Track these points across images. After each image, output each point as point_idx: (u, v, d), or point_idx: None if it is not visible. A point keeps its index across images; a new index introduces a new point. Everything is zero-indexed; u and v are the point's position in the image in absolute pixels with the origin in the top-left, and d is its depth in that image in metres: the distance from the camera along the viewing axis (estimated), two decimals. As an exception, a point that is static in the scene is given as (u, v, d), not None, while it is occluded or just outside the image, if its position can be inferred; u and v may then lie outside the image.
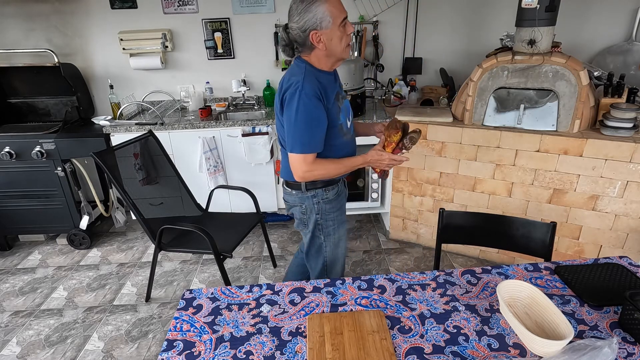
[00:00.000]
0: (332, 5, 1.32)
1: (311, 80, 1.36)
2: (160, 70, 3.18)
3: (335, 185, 1.62)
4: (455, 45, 3.14)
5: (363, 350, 1.01)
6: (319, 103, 1.36)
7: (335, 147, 1.50)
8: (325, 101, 1.39)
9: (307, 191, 1.57)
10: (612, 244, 2.28)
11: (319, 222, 1.63)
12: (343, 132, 1.51)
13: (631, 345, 1.02)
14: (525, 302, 1.13)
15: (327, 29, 1.33)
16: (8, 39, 3.02)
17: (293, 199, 1.63)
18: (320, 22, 1.31)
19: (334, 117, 1.44)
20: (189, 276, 2.61)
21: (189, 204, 2.55)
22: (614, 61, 2.88)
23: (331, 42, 1.36)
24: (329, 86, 1.43)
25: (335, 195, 1.62)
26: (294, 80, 1.37)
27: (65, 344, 2.08)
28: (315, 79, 1.38)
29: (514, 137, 2.30)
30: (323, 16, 1.31)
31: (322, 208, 1.60)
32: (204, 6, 3.00)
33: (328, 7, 1.31)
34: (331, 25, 1.33)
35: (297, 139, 1.37)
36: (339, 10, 1.34)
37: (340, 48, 1.38)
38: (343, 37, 1.37)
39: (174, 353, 1.05)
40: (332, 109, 1.42)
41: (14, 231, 2.98)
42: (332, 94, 1.44)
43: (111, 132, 2.73)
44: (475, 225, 1.67)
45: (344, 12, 1.36)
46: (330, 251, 1.69)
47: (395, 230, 2.95)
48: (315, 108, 1.35)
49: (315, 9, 1.30)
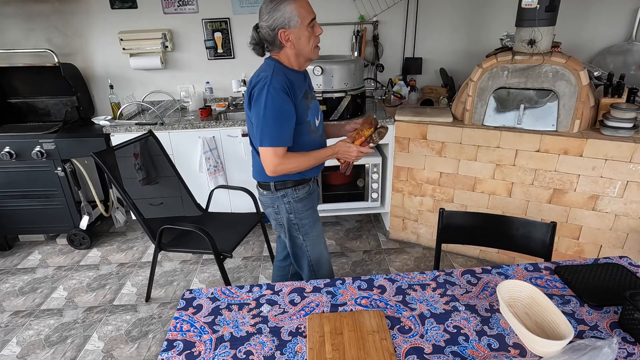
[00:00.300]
0: (300, 5, 1.35)
1: (279, 76, 1.39)
2: (160, 70, 3.18)
3: (306, 184, 1.63)
4: (455, 45, 3.14)
5: (363, 350, 1.01)
6: (287, 98, 1.39)
7: (304, 145, 1.52)
8: (293, 97, 1.42)
9: (277, 191, 1.59)
10: (612, 244, 2.28)
11: (293, 222, 1.64)
12: (311, 130, 1.54)
13: (631, 345, 1.02)
14: (525, 302, 1.13)
15: (295, 28, 1.37)
16: (8, 39, 3.02)
17: (265, 200, 1.65)
18: (288, 21, 1.35)
19: (302, 114, 1.47)
20: (189, 276, 2.61)
21: (189, 204, 2.55)
22: (614, 61, 2.88)
23: (299, 41, 1.39)
24: (298, 84, 1.46)
25: (306, 193, 1.63)
26: (262, 76, 1.40)
27: (65, 344, 2.08)
28: (283, 75, 1.41)
29: (514, 137, 2.30)
30: (291, 15, 1.35)
31: (294, 207, 1.62)
32: (204, 6, 3.00)
33: (296, 7, 1.35)
34: (299, 25, 1.36)
35: (267, 133, 1.39)
36: (306, 10, 1.37)
37: (308, 48, 1.42)
38: (311, 38, 1.41)
39: (174, 353, 1.05)
40: (300, 105, 1.45)
41: (14, 231, 2.98)
42: (300, 91, 1.47)
43: (111, 132, 2.73)
44: (475, 225, 1.67)
45: (312, 14, 1.40)
46: (312, 249, 1.70)
47: (395, 230, 2.95)
48: (284, 102, 1.38)
49: (284, 8, 1.34)
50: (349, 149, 1.54)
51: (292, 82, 1.43)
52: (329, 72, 2.52)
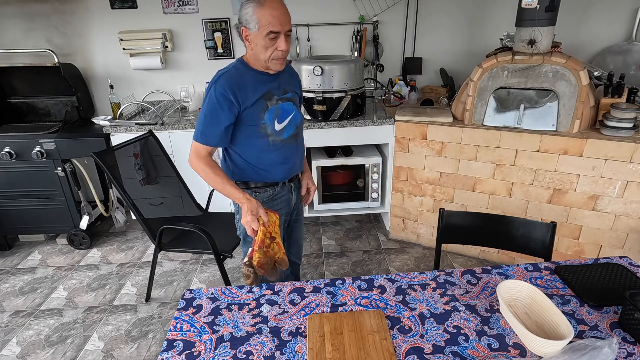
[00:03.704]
0: (264, 13, 1.30)
1: (230, 78, 1.39)
2: (160, 70, 3.18)
3: (270, 188, 1.58)
4: (455, 45, 3.14)
5: (363, 350, 1.01)
6: (225, 103, 1.38)
7: (257, 147, 1.50)
8: (240, 101, 1.39)
9: None
10: (612, 244, 2.28)
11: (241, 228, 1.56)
12: (267, 133, 1.48)
13: (631, 345, 1.02)
14: (525, 302, 1.13)
15: (253, 32, 1.34)
16: (8, 39, 3.02)
17: None
18: (247, 22, 1.34)
19: (253, 117, 1.44)
20: (189, 276, 2.61)
21: (189, 204, 2.54)
22: (614, 61, 2.88)
23: (256, 46, 1.37)
24: (254, 85, 1.43)
25: (268, 198, 1.58)
26: (218, 74, 1.42)
27: (65, 344, 2.08)
28: (236, 76, 1.41)
29: (514, 137, 2.30)
30: (250, 19, 1.32)
31: None
32: (204, 6, 3.00)
33: (260, 13, 1.30)
34: (256, 31, 1.33)
35: (197, 127, 1.44)
36: (269, 21, 1.31)
37: (263, 56, 1.38)
38: (269, 49, 1.36)
39: (174, 353, 1.05)
40: (252, 108, 1.43)
41: (14, 231, 2.98)
42: (254, 93, 1.43)
43: (111, 132, 2.73)
44: (475, 225, 1.67)
45: (277, 27, 1.32)
46: None
47: (395, 230, 2.95)
48: (219, 107, 1.39)
49: (247, 9, 1.32)
50: (248, 214, 1.38)
51: (245, 84, 1.41)
52: (329, 72, 2.52)
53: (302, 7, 2.99)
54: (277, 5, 1.33)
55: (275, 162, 1.55)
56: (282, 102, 1.51)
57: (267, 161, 1.53)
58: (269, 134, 1.49)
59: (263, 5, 1.31)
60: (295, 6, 3.02)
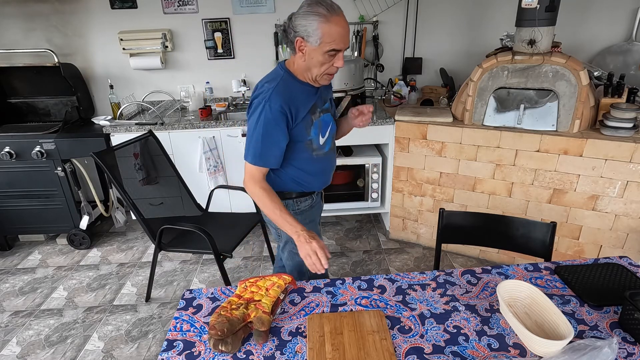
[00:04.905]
0: (330, 30, 1.22)
1: (281, 92, 1.30)
2: (160, 70, 3.18)
3: (309, 197, 1.55)
4: (455, 45, 3.14)
5: (363, 350, 1.01)
6: (281, 121, 1.30)
7: (301, 161, 1.44)
8: (294, 116, 1.32)
9: None
10: (612, 244, 2.28)
11: None
12: (312, 148, 1.43)
13: (631, 345, 1.02)
14: (525, 302, 1.13)
15: (312, 46, 1.25)
16: (8, 39, 3.02)
17: None
18: (308, 35, 1.23)
19: (300, 133, 1.37)
20: (189, 276, 2.61)
21: (189, 204, 2.54)
22: (614, 61, 2.88)
23: (312, 59, 1.28)
24: (304, 98, 1.36)
25: (308, 207, 1.56)
26: (265, 88, 1.32)
27: (65, 344, 2.08)
28: (287, 89, 1.32)
29: (514, 137, 2.30)
30: (313, 32, 1.22)
31: None
32: (204, 6, 3.00)
33: (325, 28, 1.21)
34: (317, 46, 1.24)
35: (251, 149, 1.34)
36: (333, 38, 1.23)
37: (317, 71, 1.31)
38: (324, 65, 1.29)
39: (174, 353, 1.05)
40: (301, 123, 1.36)
41: (14, 231, 2.98)
42: (304, 106, 1.36)
43: (111, 132, 2.73)
44: (475, 225, 1.67)
45: (340, 45, 1.25)
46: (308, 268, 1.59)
47: (395, 230, 2.95)
48: (276, 126, 1.30)
49: (311, 22, 1.22)
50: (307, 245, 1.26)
51: (296, 98, 1.33)
52: (329, 72, 2.52)
53: (302, 7, 2.99)
54: (342, 22, 1.24)
55: (317, 174, 1.51)
56: (323, 113, 1.45)
57: (310, 173, 1.49)
58: (314, 149, 1.44)
59: (329, 20, 1.21)
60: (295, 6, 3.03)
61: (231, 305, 1.11)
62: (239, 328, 1.05)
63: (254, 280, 1.23)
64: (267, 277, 1.24)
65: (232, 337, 1.03)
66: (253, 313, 1.08)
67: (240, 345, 1.05)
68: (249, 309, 1.09)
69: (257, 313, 1.08)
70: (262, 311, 1.09)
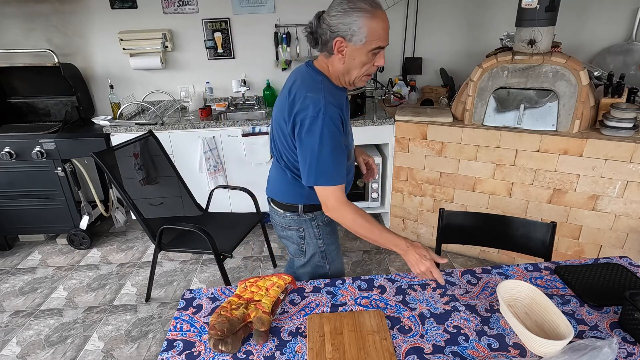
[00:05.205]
0: (377, 26, 1.12)
1: (330, 99, 1.17)
2: (160, 70, 3.18)
3: None
4: (455, 45, 3.14)
5: (363, 350, 1.01)
6: (341, 129, 1.20)
7: None
8: (344, 124, 1.23)
9: (305, 214, 1.39)
10: (612, 244, 2.28)
11: (321, 249, 1.44)
12: (349, 157, 1.35)
13: (631, 345, 1.02)
14: (525, 302, 1.13)
15: (355, 46, 1.14)
16: (8, 39, 3.02)
17: (288, 222, 1.42)
18: (352, 34, 1.12)
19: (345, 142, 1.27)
20: (189, 276, 2.61)
21: (189, 204, 2.54)
22: (614, 61, 2.88)
23: (352, 60, 1.17)
24: (344, 104, 1.26)
25: None
26: (311, 99, 1.16)
27: (65, 344, 2.08)
28: (333, 95, 1.20)
29: (514, 137, 2.30)
30: (359, 31, 1.11)
31: (323, 232, 1.42)
32: (204, 6, 3.00)
33: (371, 25, 1.11)
34: (361, 45, 1.13)
35: (323, 171, 1.19)
36: (379, 35, 1.13)
37: (357, 73, 1.20)
38: (366, 65, 1.19)
39: (174, 353, 1.05)
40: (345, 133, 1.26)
41: (14, 231, 2.98)
42: (347, 113, 1.28)
43: (111, 132, 2.73)
44: (475, 225, 1.67)
45: (385, 42, 1.16)
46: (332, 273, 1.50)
47: (396, 230, 2.93)
48: (339, 134, 1.19)
49: (356, 20, 1.10)
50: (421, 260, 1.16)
51: (341, 104, 1.23)
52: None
53: (303, 7, 2.99)
54: (385, 16, 1.14)
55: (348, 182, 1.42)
56: None
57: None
58: (349, 157, 1.36)
59: (375, 16, 1.11)
60: (295, 6, 3.04)
61: (231, 305, 1.11)
62: (239, 328, 1.05)
63: (254, 280, 1.23)
64: (267, 277, 1.24)
65: (232, 337, 1.03)
66: (253, 313, 1.08)
67: (240, 345, 1.05)
68: (249, 309, 1.09)
69: (257, 313, 1.08)
70: (262, 311, 1.09)
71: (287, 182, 1.36)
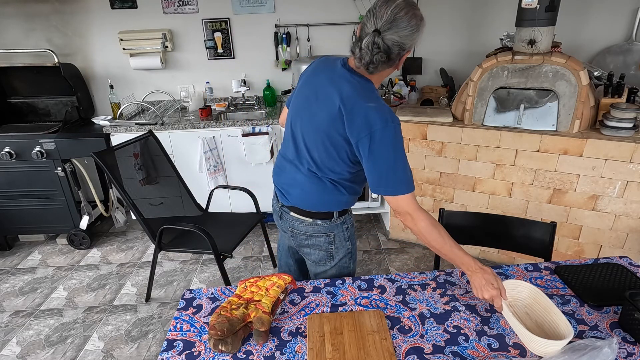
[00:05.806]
0: None
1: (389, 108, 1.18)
2: (160, 70, 3.18)
3: None
4: (455, 45, 3.14)
5: (363, 350, 1.01)
6: None
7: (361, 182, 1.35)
8: None
9: (338, 218, 1.36)
10: (612, 244, 2.28)
11: (349, 250, 1.43)
12: None
13: (631, 345, 1.02)
14: (525, 302, 1.13)
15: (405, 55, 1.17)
16: (8, 39, 3.02)
17: (316, 229, 1.37)
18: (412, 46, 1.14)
19: None
20: (189, 276, 2.61)
21: (189, 204, 2.54)
22: (614, 61, 2.88)
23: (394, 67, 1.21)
24: None
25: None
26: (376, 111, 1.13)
27: (65, 344, 2.08)
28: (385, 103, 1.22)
29: (514, 137, 2.30)
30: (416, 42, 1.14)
31: (351, 233, 1.43)
32: (204, 6, 3.00)
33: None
34: None
35: (401, 180, 1.16)
36: None
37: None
38: None
39: (174, 353, 1.05)
40: None
41: (14, 231, 2.98)
42: None
43: (111, 132, 2.73)
44: (475, 225, 1.67)
45: None
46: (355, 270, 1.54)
47: (395, 230, 2.95)
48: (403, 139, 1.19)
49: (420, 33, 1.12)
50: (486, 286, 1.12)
51: None
52: (329, 72, 2.52)
53: (303, 7, 2.99)
54: None
55: None
56: None
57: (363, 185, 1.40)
58: None
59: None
60: (295, 6, 3.04)
61: (231, 305, 1.11)
62: (239, 328, 1.05)
63: (254, 280, 1.23)
64: (267, 277, 1.23)
65: (232, 337, 1.03)
66: (253, 313, 1.08)
67: (240, 345, 1.05)
68: (249, 309, 1.09)
69: (257, 313, 1.08)
70: (262, 311, 1.09)
71: (325, 191, 1.31)
